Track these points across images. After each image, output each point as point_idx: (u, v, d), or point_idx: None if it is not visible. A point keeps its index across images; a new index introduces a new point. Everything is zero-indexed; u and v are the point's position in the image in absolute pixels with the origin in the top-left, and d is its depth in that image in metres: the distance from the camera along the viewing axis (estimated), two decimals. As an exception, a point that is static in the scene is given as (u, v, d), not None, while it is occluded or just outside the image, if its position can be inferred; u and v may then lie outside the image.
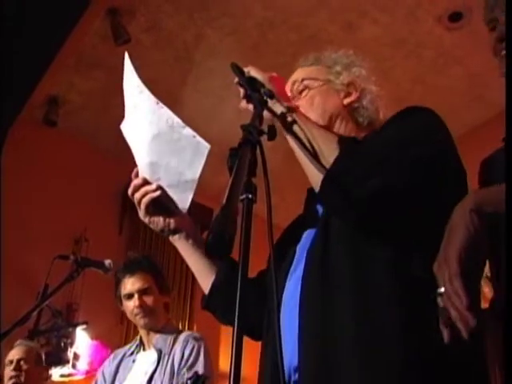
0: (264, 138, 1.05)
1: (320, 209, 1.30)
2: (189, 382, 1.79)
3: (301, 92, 1.43)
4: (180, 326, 4.68)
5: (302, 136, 1.20)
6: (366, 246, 1.13)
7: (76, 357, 3.79)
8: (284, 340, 1.15)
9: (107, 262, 2.57)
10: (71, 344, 3.73)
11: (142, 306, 2.51)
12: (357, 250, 1.13)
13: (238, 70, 1.29)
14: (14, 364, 2.94)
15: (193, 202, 1.36)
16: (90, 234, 4.64)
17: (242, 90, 1.28)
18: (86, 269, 2.59)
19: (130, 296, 2.54)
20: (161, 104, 1.34)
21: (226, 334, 4.77)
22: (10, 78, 3.45)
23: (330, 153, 1.16)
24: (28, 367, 2.97)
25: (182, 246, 1.46)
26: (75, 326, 3.87)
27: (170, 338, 2.52)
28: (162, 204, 1.38)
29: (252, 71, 1.29)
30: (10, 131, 4.20)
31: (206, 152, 1.28)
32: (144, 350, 2.59)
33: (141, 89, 1.37)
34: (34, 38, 3.52)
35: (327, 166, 1.14)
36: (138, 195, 1.38)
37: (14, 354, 2.98)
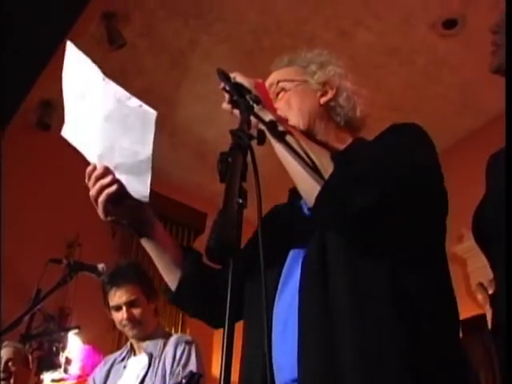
0: (253, 143, 1.04)
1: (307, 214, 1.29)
2: (183, 381, 1.78)
3: (278, 94, 1.42)
4: (173, 331, 4.65)
5: (297, 147, 1.17)
6: (363, 259, 1.13)
7: (68, 361, 3.75)
8: (277, 351, 1.15)
9: (100, 266, 2.56)
10: (63, 348, 3.70)
11: (130, 318, 2.50)
12: (355, 264, 1.12)
13: (224, 76, 1.27)
14: (2, 365, 2.93)
15: (153, 191, 1.22)
16: (83, 238, 4.61)
17: (227, 96, 1.27)
18: (79, 273, 2.57)
19: (117, 308, 2.53)
20: (107, 79, 1.22)
21: (219, 340, 4.75)
22: (3, 80, 3.44)
23: (328, 166, 1.14)
24: (16, 368, 2.97)
25: (147, 244, 1.39)
26: (67, 330, 3.84)
27: (161, 342, 2.52)
28: (122, 198, 1.27)
29: (238, 77, 1.28)
30: (4, 134, 4.19)
31: (153, 119, 1.16)
32: (135, 355, 2.58)
33: (94, 71, 1.23)
34: (29, 40, 3.51)
35: (326, 178, 1.12)
36: (93, 192, 1.26)
37: (2, 354, 2.95)
